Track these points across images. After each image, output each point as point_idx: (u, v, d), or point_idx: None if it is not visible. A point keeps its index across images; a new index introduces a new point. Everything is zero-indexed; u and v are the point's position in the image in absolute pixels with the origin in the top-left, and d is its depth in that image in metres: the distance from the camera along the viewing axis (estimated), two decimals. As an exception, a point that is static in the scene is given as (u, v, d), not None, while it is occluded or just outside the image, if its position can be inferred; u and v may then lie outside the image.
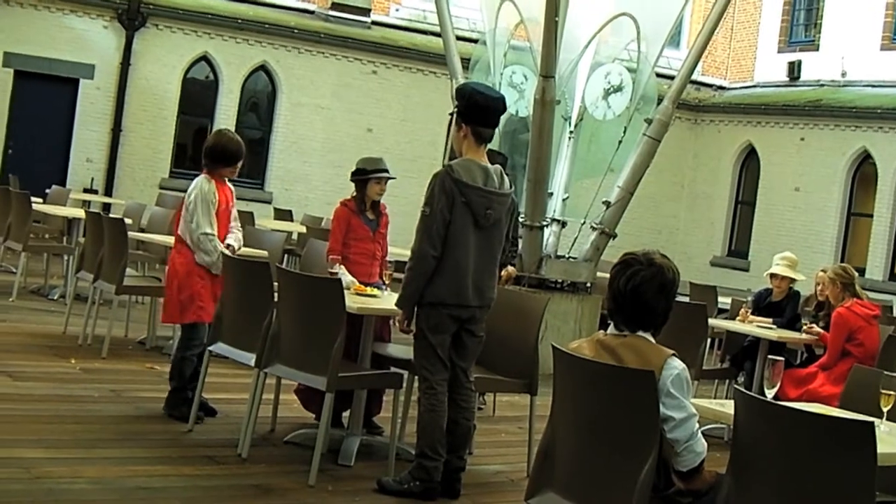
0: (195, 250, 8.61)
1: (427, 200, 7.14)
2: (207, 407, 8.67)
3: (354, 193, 9.05)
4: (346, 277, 8.53)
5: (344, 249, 8.95)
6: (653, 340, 5.04)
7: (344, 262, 8.91)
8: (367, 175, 8.93)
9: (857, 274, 10.88)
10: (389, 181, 9.12)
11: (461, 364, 7.36)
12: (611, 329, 5.14)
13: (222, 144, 8.82)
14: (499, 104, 7.39)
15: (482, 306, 7.32)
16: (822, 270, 11.22)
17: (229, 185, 9.03)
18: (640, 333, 5.04)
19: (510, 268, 10.39)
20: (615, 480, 4.91)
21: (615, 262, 5.16)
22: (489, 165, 7.31)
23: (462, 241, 7.13)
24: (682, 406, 4.84)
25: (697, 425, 4.90)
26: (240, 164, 8.86)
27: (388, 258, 9.33)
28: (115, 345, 10.97)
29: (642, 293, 4.99)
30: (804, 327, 10.95)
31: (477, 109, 7.27)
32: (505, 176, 7.42)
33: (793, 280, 11.45)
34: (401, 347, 8.47)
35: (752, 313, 11.40)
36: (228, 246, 8.82)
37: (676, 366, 4.89)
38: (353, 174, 9.02)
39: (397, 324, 7.50)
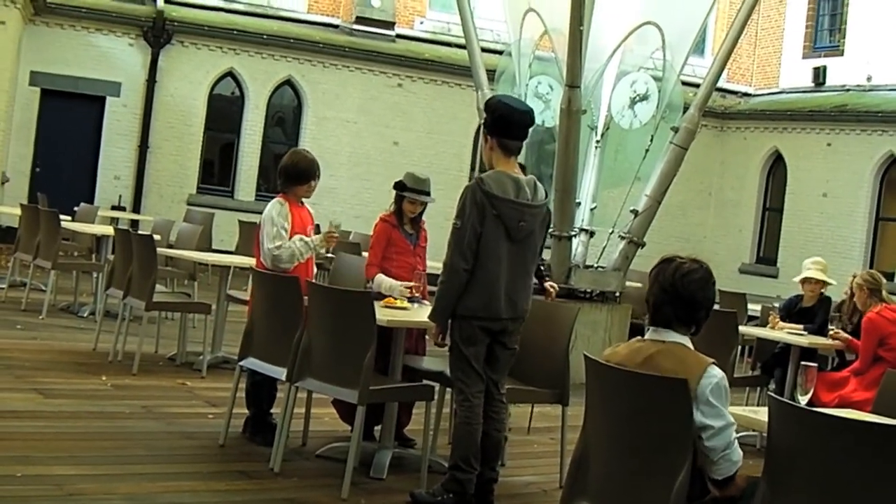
0: (275, 269, 8.57)
1: (458, 213, 7.12)
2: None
3: (393, 206, 9.02)
4: (388, 282, 8.62)
5: (386, 263, 8.86)
6: (691, 347, 5.02)
7: (386, 275, 8.85)
8: (404, 192, 8.89)
9: (884, 280, 10.84)
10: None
11: (493, 376, 7.34)
12: (648, 335, 5.12)
13: (294, 162, 8.83)
14: (524, 117, 7.35)
15: (515, 318, 7.29)
16: (853, 276, 11.20)
17: (308, 207, 9.03)
18: (679, 340, 5.02)
19: (552, 284, 9.72)
20: (649, 489, 4.88)
21: (653, 266, 5.16)
22: (521, 177, 7.28)
23: (494, 254, 7.11)
24: (720, 415, 4.82)
25: (735, 434, 4.89)
26: (314, 183, 8.82)
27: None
28: (146, 361, 10.98)
29: (689, 283, 5.01)
30: (831, 332, 10.91)
31: (501, 122, 7.26)
32: (539, 186, 7.37)
33: (825, 284, 11.40)
34: (431, 360, 8.47)
35: (784, 320, 11.35)
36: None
37: (716, 374, 4.86)
38: (395, 184, 8.98)
39: (431, 337, 7.47)
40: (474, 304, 7.12)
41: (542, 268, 9.31)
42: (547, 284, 9.35)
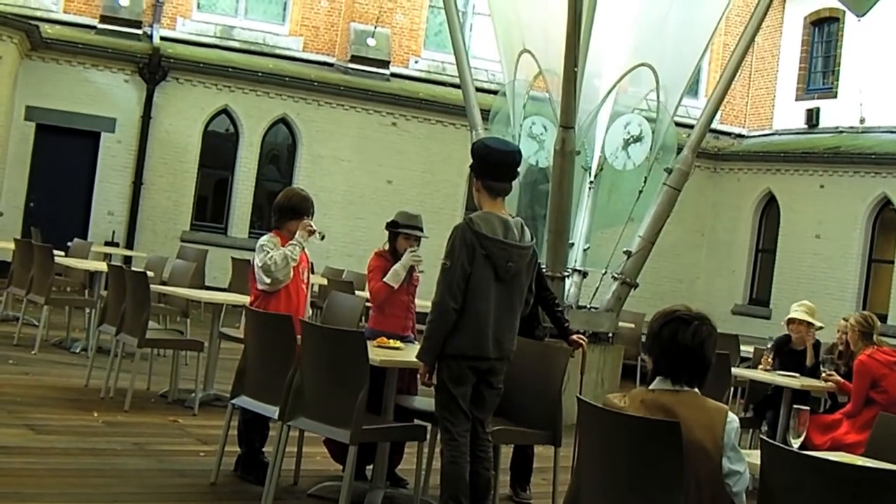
0: (274, 285, 8.65)
1: (447, 253, 7.14)
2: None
3: (387, 244, 9.10)
4: (397, 265, 8.83)
5: None
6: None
7: (379, 315, 8.91)
8: (398, 229, 8.97)
9: (879, 324, 10.84)
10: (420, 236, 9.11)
11: (478, 415, 7.32)
12: (658, 386, 5.04)
13: (288, 198, 9.01)
14: (505, 157, 7.37)
15: (501, 358, 7.29)
16: (844, 319, 11.20)
17: (305, 251, 9.05)
18: (691, 389, 5.00)
19: (580, 337, 8.98)
20: (641, 532, 4.88)
21: (662, 320, 5.05)
22: (509, 218, 7.31)
23: (483, 294, 7.11)
24: (742, 459, 4.88)
25: None
26: (308, 219, 8.90)
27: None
28: (138, 398, 10.96)
29: (708, 349, 4.99)
30: (823, 374, 10.91)
31: (482, 163, 7.31)
32: (526, 228, 7.41)
33: (811, 325, 11.40)
34: (424, 399, 8.45)
35: (774, 358, 11.33)
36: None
37: (734, 419, 4.91)
38: (388, 224, 9.05)
39: (419, 376, 7.48)
40: (463, 344, 7.12)
41: (561, 315, 9.05)
42: (575, 338, 8.88)
